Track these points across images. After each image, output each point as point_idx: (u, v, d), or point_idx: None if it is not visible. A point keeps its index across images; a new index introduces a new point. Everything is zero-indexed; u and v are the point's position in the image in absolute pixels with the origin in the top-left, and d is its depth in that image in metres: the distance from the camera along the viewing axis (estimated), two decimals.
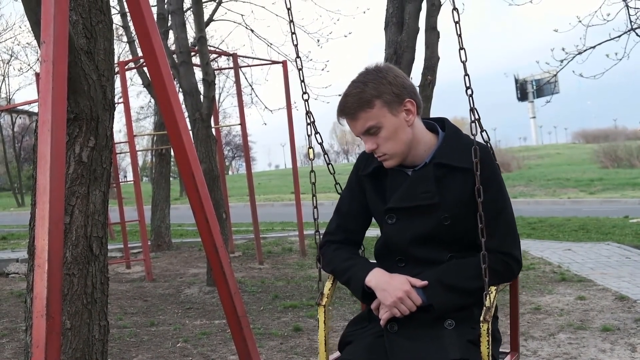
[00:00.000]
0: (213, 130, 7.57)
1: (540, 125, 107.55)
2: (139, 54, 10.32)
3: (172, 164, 15.22)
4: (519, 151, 51.61)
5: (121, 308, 6.38)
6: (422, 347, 1.94)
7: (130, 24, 11.33)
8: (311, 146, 2.36)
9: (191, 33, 9.60)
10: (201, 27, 7.37)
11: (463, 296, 1.98)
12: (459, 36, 2.02)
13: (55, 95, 2.11)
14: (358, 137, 2.08)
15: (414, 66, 5.79)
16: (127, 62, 10.02)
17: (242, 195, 27.28)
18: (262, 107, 13.45)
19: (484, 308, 1.92)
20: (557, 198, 24.10)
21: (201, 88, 7.33)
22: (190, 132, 2.90)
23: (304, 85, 2.44)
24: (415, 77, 5.89)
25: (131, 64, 10.71)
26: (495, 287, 1.97)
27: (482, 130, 2.10)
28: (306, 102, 2.38)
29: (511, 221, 2.05)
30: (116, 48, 18.45)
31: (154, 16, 2.97)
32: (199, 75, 7.91)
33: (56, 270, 2.01)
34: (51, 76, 2.10)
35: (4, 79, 33.96)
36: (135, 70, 12.41)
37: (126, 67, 9.62)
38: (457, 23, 2.03)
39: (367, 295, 2.07)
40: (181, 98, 6.67)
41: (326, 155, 2.42)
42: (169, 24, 8.32)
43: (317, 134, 2.39)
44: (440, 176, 2.03)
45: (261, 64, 11.61)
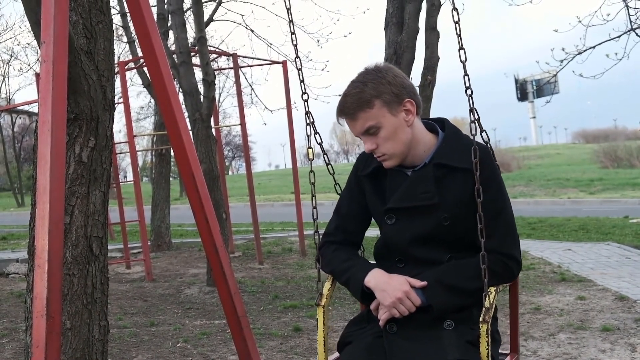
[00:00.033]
0: (213, 130, 7.57)
1: (540, 125, 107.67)
2: (139, 54, 10.32)
3: (172, 164, 15.21)
4: (519, 151, 51.63)
5: (121, 308, 6.38)
6: (421, 348, 1.94)
7: (130, 24, 11.33)
8: (310, 146, 2.36)
9: (191, 33, 9.61)
10: (201, 27, 7.37)
11: (462, 297, 1.98)
12: (459, 36, 2.02)
13: (55, 95, 2.11)
14: (358, 137, 2.08)
15: (414, 66, 5.79)
16: (127, 62, 10.02)
17: (242, 195, 27.31)
18: (262, 107, 13.48)
19: (484, 309, 1.91)
20: (557, 198, 24.10)
21: (201, 88, 7.33)
22: (190, 132, 2.90)
23: (304, 85, 2.44)
24: (415, 77, 5.89)
25: (131, 64, 10.72)
26: (494, 288, 1.97)
27: (482, 130, 2.10)
28: (306, 102, 2.38)
29: (511, 221, 2.05)
30: (116, 48, 18.44)
31: (154, 16, 2.97)
32: (199, 75, 7.91)
33: (56, 270, 2.01)
34: (51, 76, 2.11)
35: (4, 79, 33.99)
36: (135, 70, 12.41)
37: (126, 67, 9.62)
38: (457, 23, 2.03)
39: (367, 295, 2.07)
40: (181, 98, 6.68)
41: (325, 155, 2.41)
42: (169, 24, 8.33)
43: (317, 134, 2.39)
44: (439, 176, 2.03)
45: (261, 64, 11.62)
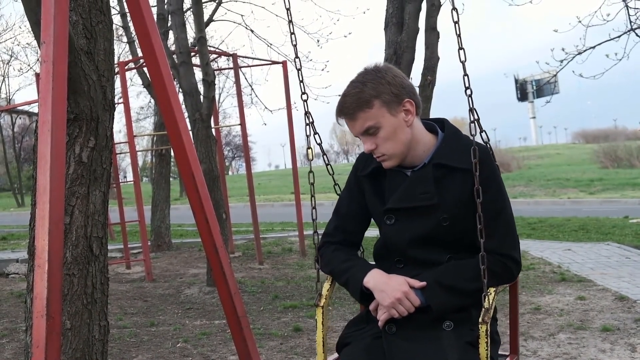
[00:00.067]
0: (213, 130, 7.57)
1: (540, 125, 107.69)
2: (139, 54, 10.31)
3: (172, 164, 15.21)
4: (519, 151, 51.65)
5: (121, 308, 6.38)
6: (421, 349, 1.93)
7: (130, 24, 11.34)
8: (310, 146, 2.36)
9: (191, 33, 9.61)
10: (201, 28, 7.38)
11: (462, 297, 1.97)
12: (459, 36, 2.02)
13: (55, 95, 2.11)
14: (357, 138, 2.07)
15: (414, 66, 5.79)
16: (127, 63, 10.02)
17: (242, 195, 27.32)
18: (262, 108, 13.49)
19: (483, 309, 1.91)
20: (557, 198, 24.11)
21: (201, 88, 7.33)
22: (190, 133, 2.90)
23: (303, 85, 2.45)
24: (415, 78, 5.89)
25: (131, 64, 10.71)
26: (494, 289, 1.97)
27: (482, 130, 2.10)
28: (305, 103, 2.38)
29: (510, 222, 2.05)
30: (116, 48, 18.44)
31: (154, 16, 2.97)
32: (199, 75, 7.91)
33: (56, 270, 2.01)
34: (51, 76, 2.11)
35: (4, 80, 33.97)
36: (135, 70, 12.41)
37: (126, 68, 9.62)
38: (457, 23, 2.03)
39: (366, 296, 2.06)
40: (181, 98, 6.68)
41: (325, 155, 2.41)
42: (169, 24, 8.33)
43: (317, 134, 2.39)
44: (439, 177, 2.02)
45: (261, 64, 11.61)
